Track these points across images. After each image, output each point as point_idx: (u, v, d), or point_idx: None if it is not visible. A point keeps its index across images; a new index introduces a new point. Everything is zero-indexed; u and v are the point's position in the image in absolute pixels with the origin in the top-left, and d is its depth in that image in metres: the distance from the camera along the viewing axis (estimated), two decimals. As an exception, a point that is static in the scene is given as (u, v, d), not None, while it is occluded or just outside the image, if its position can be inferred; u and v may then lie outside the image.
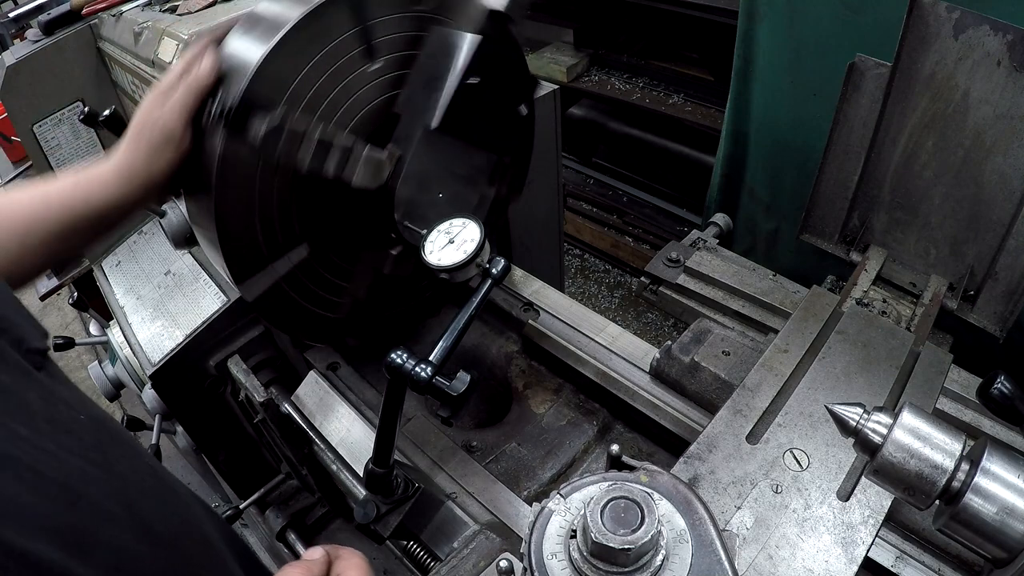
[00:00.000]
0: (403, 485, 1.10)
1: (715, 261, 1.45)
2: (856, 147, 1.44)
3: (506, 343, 1.55)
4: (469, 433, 1.40)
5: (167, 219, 1.51)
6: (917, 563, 1.01)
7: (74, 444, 0.58)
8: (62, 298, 2.89)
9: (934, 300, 1.35)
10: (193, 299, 1.60)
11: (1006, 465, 0.65)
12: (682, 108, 3.31)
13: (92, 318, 2.40)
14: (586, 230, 3.84)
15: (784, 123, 2.17)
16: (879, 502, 0.89)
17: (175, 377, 1.53)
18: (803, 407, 1.01)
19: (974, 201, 1.34)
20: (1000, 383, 0.76)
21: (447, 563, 1.02)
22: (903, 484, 0.67)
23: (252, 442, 1.78)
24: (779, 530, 0.86)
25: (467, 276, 1.06)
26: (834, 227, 1.56)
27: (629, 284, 3.75)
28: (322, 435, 1.33)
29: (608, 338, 1.41)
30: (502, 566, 0.86)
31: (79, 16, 1.81)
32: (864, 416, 0.70)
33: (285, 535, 1.75)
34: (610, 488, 0.65)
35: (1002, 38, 1.17)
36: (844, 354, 1.10)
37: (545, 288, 1.56)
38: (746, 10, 2.08)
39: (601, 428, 1.40)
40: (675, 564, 0.65)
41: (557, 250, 2.21)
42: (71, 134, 1.82)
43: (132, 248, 1.88)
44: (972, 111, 1.26)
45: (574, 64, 3.64)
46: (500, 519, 1.11)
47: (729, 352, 1.27)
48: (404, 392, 0.96)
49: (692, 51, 3.47)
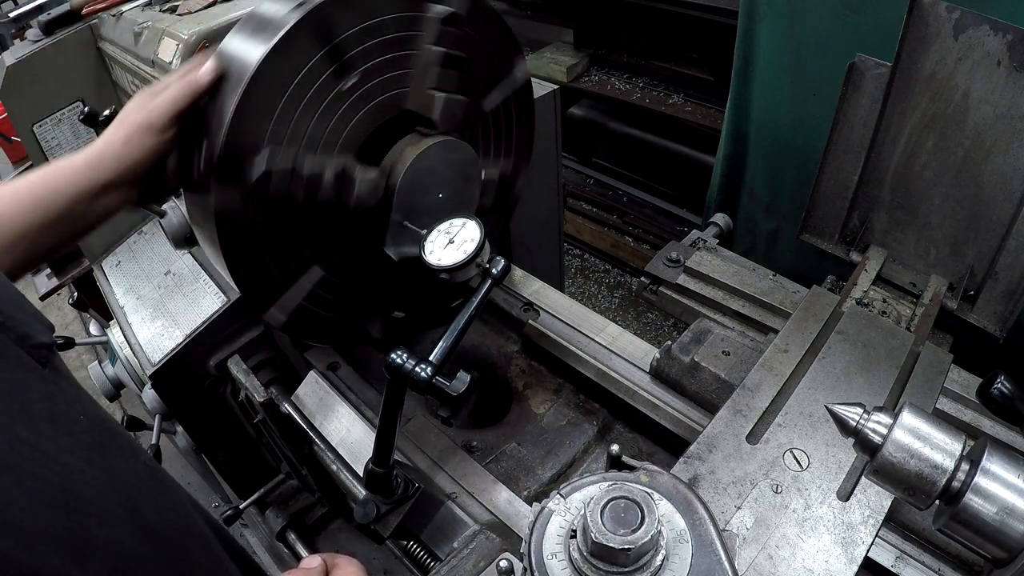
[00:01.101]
0: (403, 485, 1.10)
1: (715, 261, 1.45)
2: (856, 147, 1.44)
3: (506, 343, 1.55)
4: (469, 433, 1.40)
5: (167, 219, 1.51)
6: (917, 563, 1.01)
7: (74, 445, 0.57)
8: (62, 298, 2.89)
9: (934, 300, 1.35)
10: (193, 299, 1.60)
11: (1006, 465, 0.65)
12: (682, 108, 3.32)
13: (92, 318, 2.39)
14: (586, 230, 3.84)
15: (784, 123, 2.17)
16: (879, 502, 0.89)
17: (175, 377, 1.53)
18: (803, 407, 1.01)
19: (974, 201, 1.34)
20: (1000, 383, 0.76)
21: (447, 563, 1.02)
22: (903, 484, 0.67)
23: (252, 442, 1.78)
24: (779, 530, 0.86)
25: (467, 276, 1.06)
26: (834, 227, 1.56)
27: (629, 284, 3.75)
28: (322, 435, 1.33)
29: (608, 338, 1.41)
30: (502, 566, 0.86)
31: (79, 16, 1.81)
32: (864, 416, 0.70)
33: (285, 535, 1.75)
34: (610, 488, 0.65)
35: (1002, 38, 1.17)
36: (844, 354, 1.10)
37: (545, 288, 1.56)
38: (746, 10, 2.08)
39: (601, 428, 1.40)
40: (675, 564, 0.65)
41: (557, 250, 2.21)
42: (71, 134, 1.82)
43: (132, 248, 1.88)
44: (972, 111, 1.26)
45: (574, 64, 3.64)
46: (500, 519, 1.11)
47: (729, 352, 1.27)
48: (404, 392, 0.96)
49: (692, 51, 3.47)
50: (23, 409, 0.55)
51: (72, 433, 0.59)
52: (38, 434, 0.54)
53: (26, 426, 0.53)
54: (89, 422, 0.63)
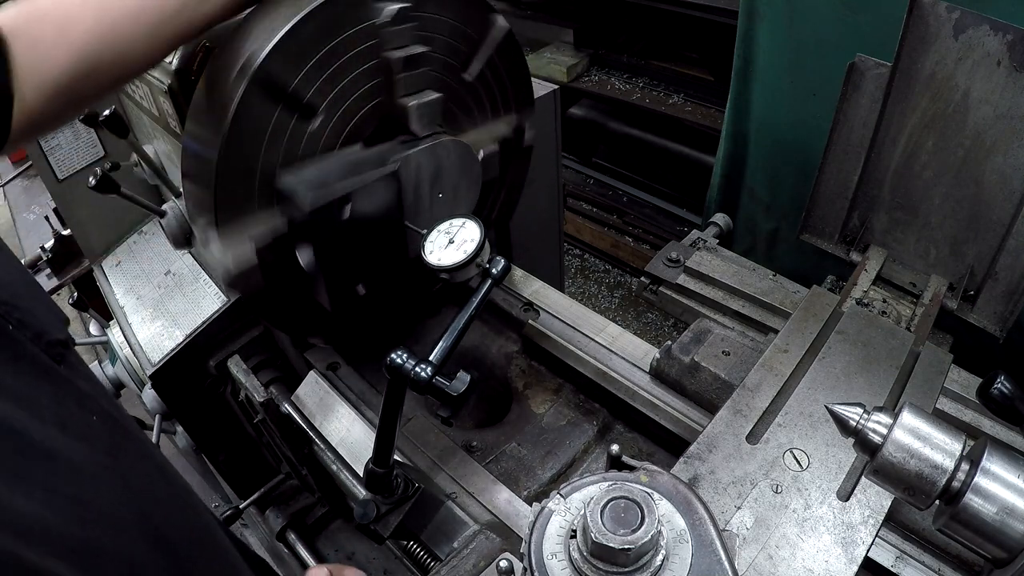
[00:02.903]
0: (403, 485, 1.10)
1: (715, 261, 1.45)
2: (856, 147, 1.44)
3: (506, 343, 1.55)
4: (469, 433, 1.40)
5: (167, 219, 1.51)
6: (917, 563, 1.01)
7: (86, 450, 0.57)
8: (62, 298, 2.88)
9: (934, 300, 1.35)
10: (193, 299, 1.60)
11: (1006, 465, 0.65)
12: (682, 108, 3.32)
13: (92, 318, 2.39)
14: (586, 230, 3.84)
15: (784, 123, 2.17)
16: (879, 502, 0.89)
17: (175, 377, 1.53)
18: (803, 407, 1.01)
19: (974, 201, 1.34)
20: (1000, 383, 0.76)
21: (447, 563, 1.02)
22: (903, 484, 0.67)
23: (252, 442, 1.78)
24: (779, 530, 0.86)
25: (467, 276, 1.06)
26: (834, 227, 1.56)
27: (629, 284, 3.75)
28: (322, 435, 1.33)
29: (608, 338, 1.41)
30: (502, 566, 0.87)
31: (79, 16, 1.81)
32: (864, 416, 0.70)
33: (285, 535, 1.75)
34: (610, 488, 0.65)
35: (1002, 38, 1.17)
36: (844, 354, 1.10)
37: (545, 288, 1.56)
38: (746, 10, 2.07)
39: (601, 428, 1.40)
40: (675, 564, 0.65)
41: (557, 250, 2.21)
42: (71, 134, 1.81)
43: (132, 248, 1.88)
44: (972, 111, 1.26)
45: (574, 64, 3.64)
46: (500, 519, 1.11)
47: (729, 352, 1.27)
48: (404, 392, 0.96)
49: (692, 51, 3.47)
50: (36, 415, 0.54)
51: (85, 438, 0.58)
52: (51, 441, 0.53)
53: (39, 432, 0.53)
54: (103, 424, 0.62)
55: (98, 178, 1.34)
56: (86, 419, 0.60)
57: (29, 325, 0.59)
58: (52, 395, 0.58)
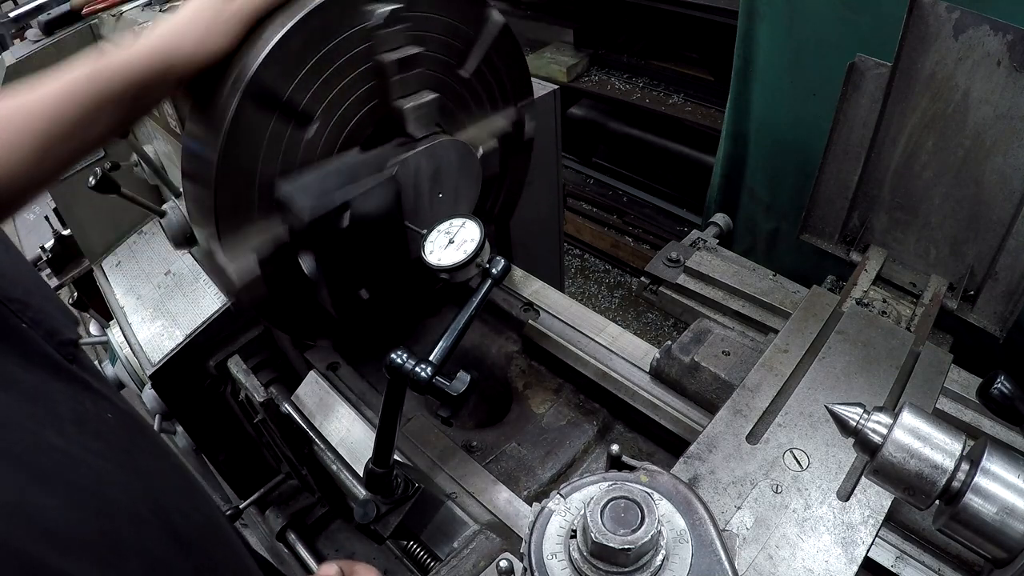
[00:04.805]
0: (403, 485, 1.10)
1: (715, 261, 1.45)
2: (856, 147, 1.44)
3: (506, 343, 1.55)
4: (469, 433, 1.40)
5: (167, 219, 1.51)
6: (917, 563, 1.01)
7: (102, 447, 0.57)
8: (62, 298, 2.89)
9: (934, 300, 1.35)
10: (193, 299, 1.60)
11: (1006, 465, 0.65)
12: (682, 108, 3.32)
13: (92, 318, 2.40)
14: (586, 230, 3.84)
15: (784, 123, 2.17)
16: (879, 502, 0.89)
17: (175, 377, 1.53)
18: (803, 407, 1.01)
19: (974, 201, 1.34)
20: (1000, 383, 0.76)
21: (447, 563, 1.02)
22: (903, 484, 0.67)
23: (252, 442, 1.78)
24: (779, 530, 0.86)
25: (467, 276, 1.06)
26: (834, 227, 1.56)
27: (629, 284, 3.75)
28: (322, 435, 1.33)
29: (608, 338, 1.41)
30: (502, 566, 0.87)
31: (79, 16, 1.81)
32: (864, 416, 0.70)
33: (285, 535, 1.75)
34: (610, 488, 0.65)
35: (1002, 38, 1.17)
36: (844, 354, 1.10)
37: (545, 288, 1.56)
38: (746, 10, 2.08)
39: (601, 428, 1.40)
40: (675, 564, 0.65)
41: (557, 250, 2.21)
42: (71, 134, 1.81)
43: (132, 248, 1.88)
44: (972, 111, 1.26)
45: (574, 64, 3.64)
46: (500, 519, 1.11)
47: (729, 352, 1.27)
48: (404, 392, 0.96)
49: (692, 51, 3.47)
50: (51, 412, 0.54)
51: (101, 435, 0.58)
52: (67, 439, 0.53)
53: (55, 431, 0.53)
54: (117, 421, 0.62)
55: (98, 178, 1.34)
56: (101, 416, 0.61)
57: (42, 323, 0.59)
58: (67, 393, 0.58)
